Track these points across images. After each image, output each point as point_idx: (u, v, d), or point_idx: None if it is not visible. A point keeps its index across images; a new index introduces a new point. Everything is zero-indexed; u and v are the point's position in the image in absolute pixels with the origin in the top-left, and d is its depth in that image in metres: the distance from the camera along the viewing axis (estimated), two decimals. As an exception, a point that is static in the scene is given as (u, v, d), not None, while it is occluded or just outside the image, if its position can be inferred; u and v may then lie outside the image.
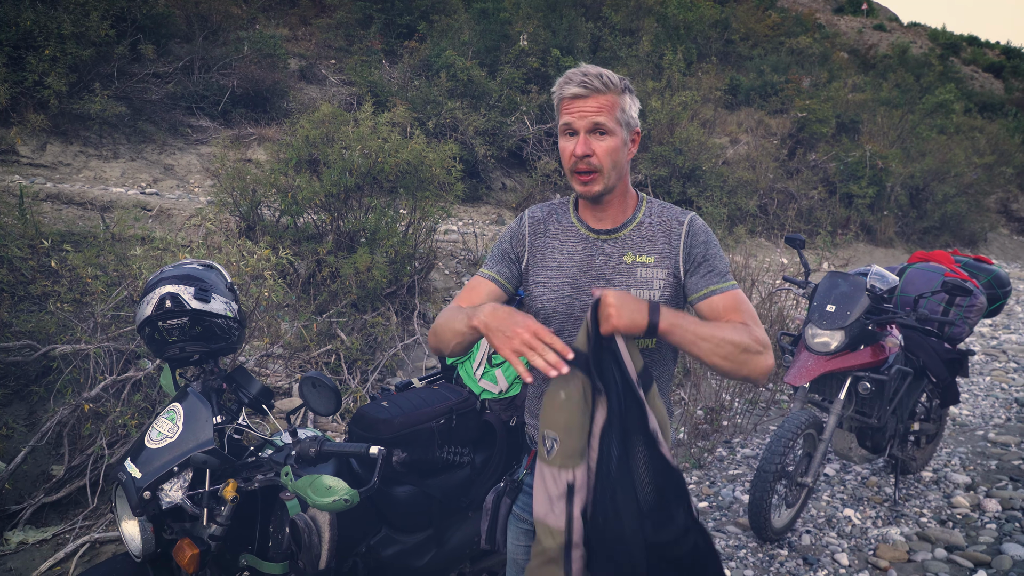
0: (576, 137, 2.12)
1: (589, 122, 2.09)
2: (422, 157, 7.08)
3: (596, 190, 2.15)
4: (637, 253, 2.19)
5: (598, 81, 2.09)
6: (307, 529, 2.41)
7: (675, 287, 2.19)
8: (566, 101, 2.12)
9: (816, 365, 4.51)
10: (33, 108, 9.20)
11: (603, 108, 2.09)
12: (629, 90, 2.16)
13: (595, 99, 2.09)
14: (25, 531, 4.28)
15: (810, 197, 15.80)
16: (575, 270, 2.25)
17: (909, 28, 38.28)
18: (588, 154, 2.10)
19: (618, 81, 2.13)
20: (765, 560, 4.43)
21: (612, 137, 2.11)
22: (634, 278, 2.18)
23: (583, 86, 2.08)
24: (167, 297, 2.44)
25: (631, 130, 2.18)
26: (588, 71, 2.10)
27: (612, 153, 2.12)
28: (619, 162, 2.15)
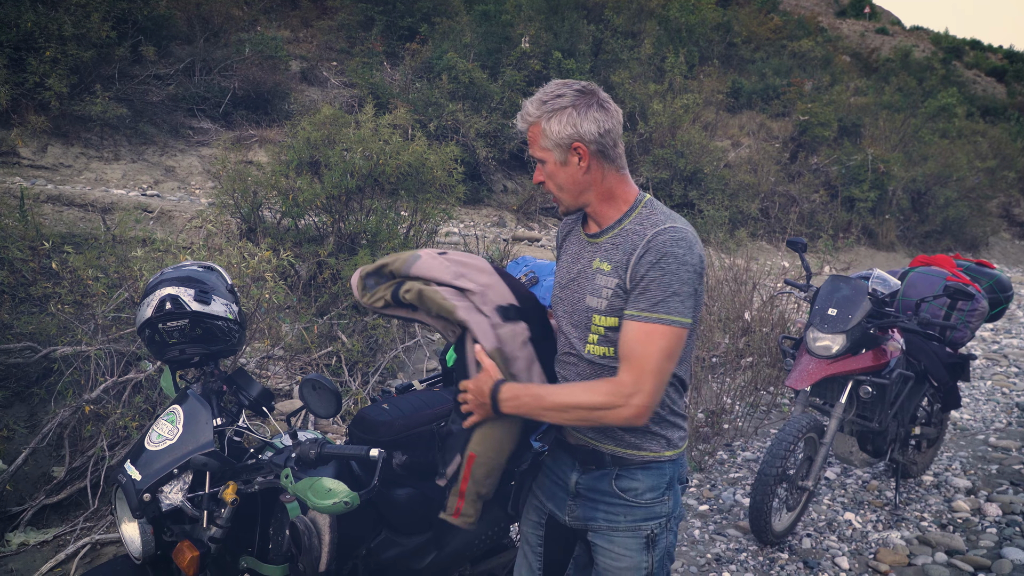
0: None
1: (535, 155, 2.21)
2: (423, 159, 7.08)
3: (562, 210, 2.27)
4: (602, 260, 2.18)
5: (522, 120, 2.19)
6: (307, 531, 2.40)
7: (623, 298, 2.12)
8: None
9: (817, 369, 4.50)
10: (34, 110, 9.21)
11: (533, 141, 2.19)
12: (548, 112, 2.12)
13: (530, 132, 2.19)
14: (26, 532, 4.27)
15: (812, 200, 15.81)
16: (564, 271, 2.34)
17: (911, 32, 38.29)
18: (539, 182, 2.24)
19: (534, 109, 2.15)
20: (766, 563, 4.42)
21: (547, 164, 2.19)
22: (592, 284, 2.19)
23: (521, 121, 2.20)
24: (167, 299, 2.44)
25: (565, 148, 2.13)
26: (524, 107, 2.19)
27: (552, 177, 2.19)
28: (565, 184, 2.18)
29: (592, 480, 2.29)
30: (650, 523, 2.25)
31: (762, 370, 6.98)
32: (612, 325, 2.14)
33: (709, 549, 4.55)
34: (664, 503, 2.26)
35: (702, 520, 4.92)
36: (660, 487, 2.25)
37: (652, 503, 2.25)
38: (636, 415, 2.04)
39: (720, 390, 6.51)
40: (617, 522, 2.26)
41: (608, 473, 2.26)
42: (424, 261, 2.30)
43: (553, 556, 2.50)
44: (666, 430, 2.23)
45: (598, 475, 2.28)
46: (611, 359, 2.17)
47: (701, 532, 4.76)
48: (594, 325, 2.18)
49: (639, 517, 2.25)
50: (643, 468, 2.23)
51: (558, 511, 2.40)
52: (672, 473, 2.27)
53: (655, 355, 2.03)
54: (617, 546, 2.26)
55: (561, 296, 2.31)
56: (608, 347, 2.17)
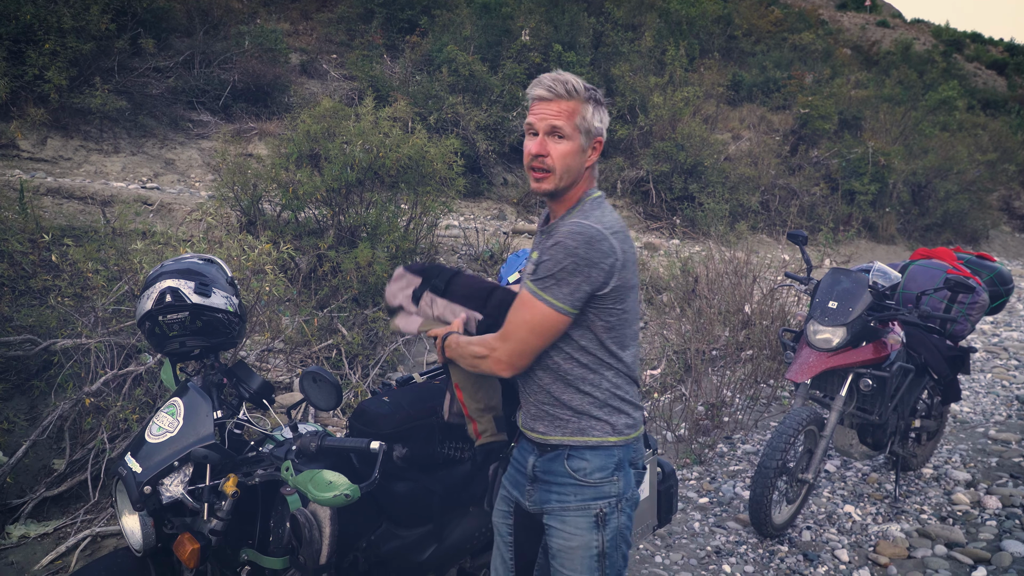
0: (536, 137, 2.25)
1: (548, 124, 2.22)
2: (423, 152, 7.08)
3: (546, 188, 2.27)
4: (537, 250, 2.35)
5: (562, 87, 2.22)
6: (308, 524, 2.41)
7: None
8: (533, 102, 2.26)
9: (818, 361, 4.50)
10: (33, 102, 9.19)
11: (563, 113, 2.22)
12: (595, 100, 2.27)
13: (557, 104, 2.22)
14: (27, 525, 4.28)
15: (812, 194, 15.79)
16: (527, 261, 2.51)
17: (912, 25, 38.20)
18: (543, 154, 2.23)
19: (583, 90, 2.24)
20: (765, 556, 4.43)
21: (569, 141, 2.24)
22: (526, 272, 2.35)
23: (549, 90, 2.22)
24: (167, 291, 2.44)
25: (592, 138, 2.29)
26: (557, 77, 2.23)
27: (566, 157, 2.24)
28: (572, 166, 2.26)
29: (547, 462, 2.36)
30: (599, 502, 2.31)
31: (762, 363, 6.98)
32: None
33: (709, 541, 4.56)
34: (613, 483, 2.33)
35: (702, 513, 4.92)
36: (608, 467, 2.31)
37: (601, 483, 2.31)
38: (496, 368, 2.29)
39: (720, 383, 6.51)
40: (568, 502, 2.32)
41: (561, 454, 2.33)
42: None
43: (523, 545, 2.54)
44: (610, 416, 2.31)
45: (552, 456, 2.35)
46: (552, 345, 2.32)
47: (701, 525, 4.76)
48: None
49: (588, 496, 2.31)
50: (592, 449, 2.31)
51: (521, 497, 2.46)
52: (622, 456, 2.34)
53: (519, 323, 2.24)
54: (568, 526, 2.32)
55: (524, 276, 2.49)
56: None
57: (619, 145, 14.43)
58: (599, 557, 2.31)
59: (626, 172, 14.02)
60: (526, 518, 2.49)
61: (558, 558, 2.34)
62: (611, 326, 2.26)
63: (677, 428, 5.96)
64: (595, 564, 2.31)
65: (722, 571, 4.26)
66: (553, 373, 2.30)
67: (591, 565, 2.31)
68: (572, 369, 2.29)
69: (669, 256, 10.53)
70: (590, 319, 2.24)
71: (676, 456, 5.68)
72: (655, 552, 4.42)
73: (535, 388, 2.35)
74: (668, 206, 14.06)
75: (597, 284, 2.18)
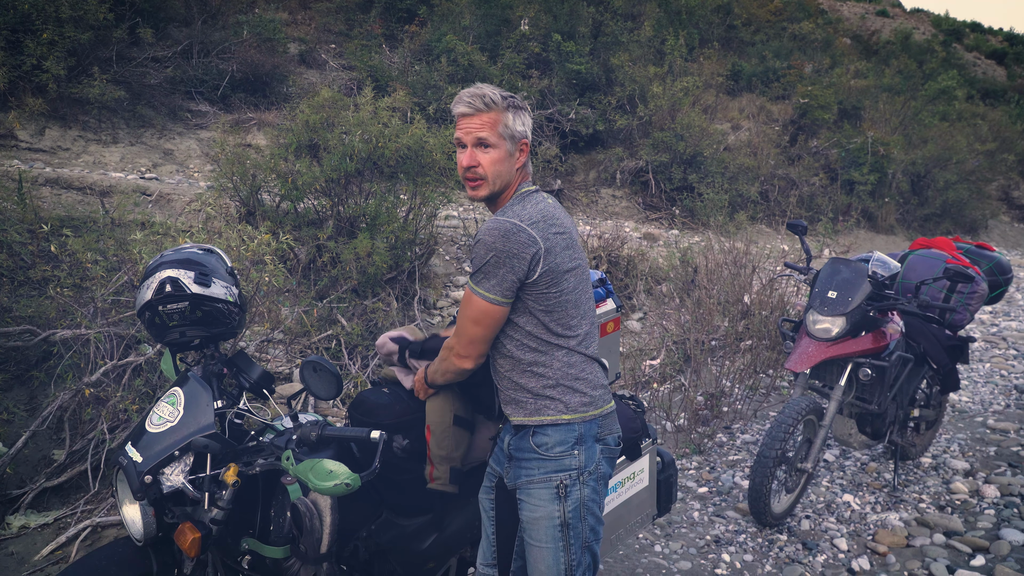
0: (465, 150, 2.43)
1: (474, 137, 2.40)
2: (423, 142, 7.06)
3: (482, 194, 2.46)
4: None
5: (480, 101, 2.39)
6: (308, 513, 2.41)
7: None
8: (458, 118, 2.43)
9: (817, 351, 4.51)
10: (31, 92, 9.17)
11: (485, 124, 2.40)
12: (514, 107, 2.45)
13: (479, 117, 2.40)
14: (27, 515, 4.29)
15: (811, 184, 15.76)
16: None
17: (912, 14, 38.08)
18: (474, 165, 2.42)
19: (501, 99, 2.42)
20: (764, 545, 4.44)
21: (495, 150, 2.41)
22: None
23: (469, 105, 2.39)
24: (167, 281, 2.44)
25: (516, 142, 2.46)
26: (475, 92, 2.41)
27: (495, 164, 2.42)
28: (502, 171, 2.44)
29: (518, 440, 2.52)
30: (560, 475, 2.45)
31: (761, 353, 6.98)
32: None
33: (708, 531, 4.57)
34: (573, 456, 2.46)
35: (701, 502, 4.94)
36: (568, 442, 2.46)
37: (561, 456, 2.45)
38: (457, 362, 2.50)
39: (719, 373, 6.51)
40: (533, 475, 2.47)
41: (527, 432, 2.49)
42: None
43: (504, 520, 2.64)
44: (563, 395, 2.46)
45: (522, 434, 2.51)
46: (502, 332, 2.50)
47: (700, 514, 4.77)
48: None
49: (550, 469, 2.45)
50: (553, 426, 2.46)
51: (502, 474, 2.62)
52: (584, 431, 2.48)
53: (463, 318, 2.45)
54: (533, 497, 2.47)
55: None
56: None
57: (618, 135, 14.41)
58: (562, 527, 2.44)
59: (625, 162, 14.00)
60: (506, 493, 2.61)
61: (527, 529, 2.49)
62: (550, 309, 2.41)
63: (676, 418, 5.96)
64: (558, 534, 2.45)
65: (721, 560, 4.27)
66: (510, 360, 2.48)
67: (554, 535, 2.44)
68: (524, 355, 2.46)
69: (668, 246, 10.53)
70: (528, 305, 2.41)
71: (676, 446, 5.69)
72: (655, 541, 4.43)
73: (500, 376, 2.53)
74: (667, 196, 14.04)
75: (522, 273, 2.35)
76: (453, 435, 2.73)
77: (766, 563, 4.28)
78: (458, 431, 2.75)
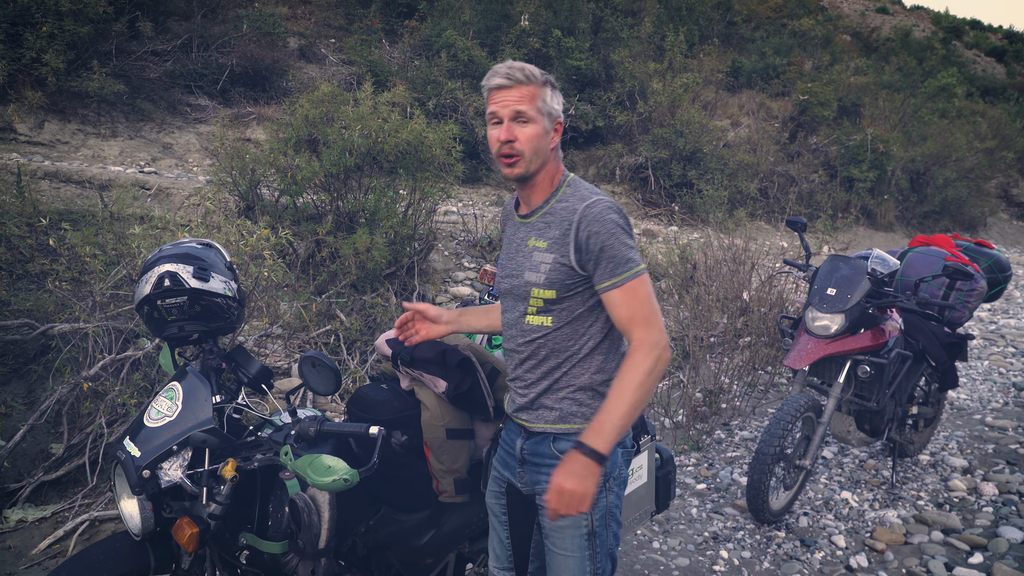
0: (500, 125, 2.29)
1: (512, 110, 2.27)
2: (422, 137, 7.05)
3: (518, 172, 2.31)
4: (537, 238, 2.36)
5: (520, 74, 2.27)
6: (306, 508, 2.41)
7: (564, 272, 2.29)
8: (492, 92, 2.31)
9: (816, 348, 4.51)
10: (31, 85, 9.15)
11: (524, 98, 2.27)
12: (551, 84, 2.34)
13: (517, 90, 2.27)
14: (24, 509, 4.28)
15: (811, 180, 15.76)
16: (504, 253, 2.51)
17: (912, 11, 38.06)
18: (511, 139, 2.27)
19: (539, 74, 2.31)
20: (763, 542, 4.44)
21: (533, 124, 2.28)
22: (530, 261, 2.35)
23: (507, 78, 2.27)
24: (166, 276, 2.43)
25: (553, 120, 2.34)
26: (512, 65, 2.30)
27: (533, 139, 2.28)
28: (540, 148, 2.30)
29: (534, 445, 2.41)
30: None
31: (760, 350, 6.98)
32: (550, 297, 2.32)
33: (707, 527, 4.57)
34: None
35: (700, 499, 4.94)
36: None
37: None
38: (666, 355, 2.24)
39: (718, 370, 6.51)
40: None
41: (547, 437, 2.38)
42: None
43: (518, 523, 2.57)
44: (593, 399, 2.35)
45: (539, 439, 2.39)
46: (547, 329, 2.35)
47: (699, 510, 4.78)
48: (532, 297, 2.34)
49: None
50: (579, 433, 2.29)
51: (513, 479, 2.50)
52: None
53: (645, 303, 2.26)
54: None
55: (504, 273, 2.47)
56: (546, 317, 2.35)
57: (618, 131, 14.40)
58: (588, 536, 2.34)
59: (625, 158, 13.99)
60: (519, 497, 2.52)
61: (550, 537, 2.38)
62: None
63: (675, 415, 5.96)
64: (584, 543, 2.34)
65: (719, 556, 4.27)
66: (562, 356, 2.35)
67: (580, 544, 2.34)
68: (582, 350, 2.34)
69: (668, 243, 10.52)
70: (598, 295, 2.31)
71: (674, 442, 5.69)
72: (653, 538, 4.43)
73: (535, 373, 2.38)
74: (667, 193, 14.03)
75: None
76: (450, 449, 2.72)
77: (764, 560, 4.28)
78: (454, 444, 2.73)
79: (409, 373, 2.78)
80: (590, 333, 2.35)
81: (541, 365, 2.37)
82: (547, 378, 2.37)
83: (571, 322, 2.34)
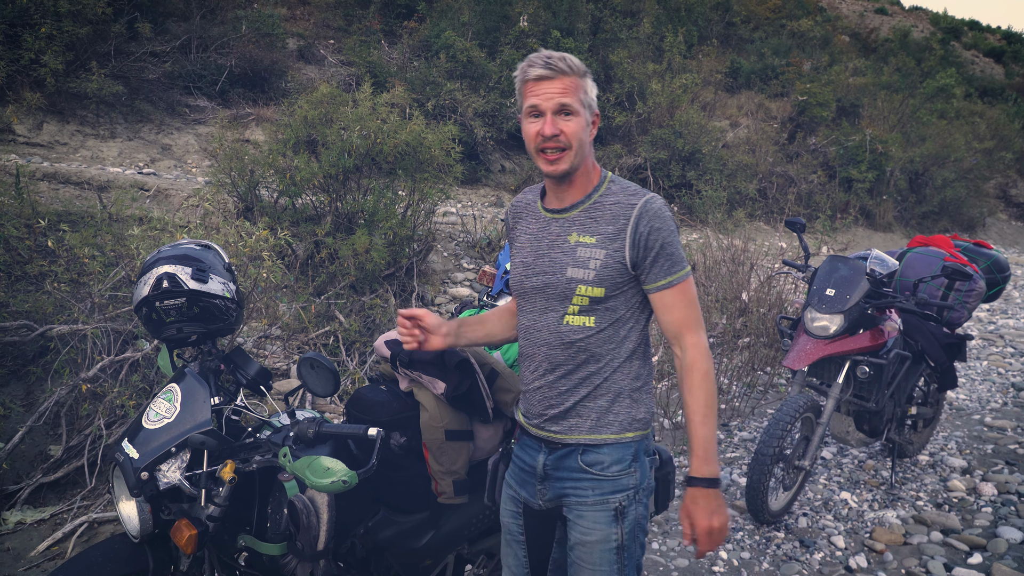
0: (542, 118, 2.16)
1: (556, 103, 2.14)
2: (421, 138, 7.05)
3: (563, 168, 2.19)
4: (581, 233, 2.23)
5: (562, 63, 2.14)
6: (305, 510, 2.41)
7: (614, 268, 2.20)
8: (530, 84, 2.17)
9: (815, 349, 4.51)
10: (29, 86, 9.15)
11: (568, 89, 2.15)
12: (589, 74, 2.22)
13: (560, 81, 2.14)
14: (23, 511, 4.28)
15: (809, 181, 15.77)
16: (528, 250, 2.34)
17: (910, 12, 38.10)
18: (556, 134, 2.15)
19: (580, 65, 2.19)
20: (762, 542, 4.44)
21: (577, 118, 2.17)
22: (573, 257, 2.22)
23: (548, 68, 2.13)
24: (164, 277, 2.43)
25: (592, 112, 2.23)
26: (552, 54, 2.16)
27: (579, 133, 2.16)
28: (584, 142, 2.19)
29: (559, 460, 2.31)
30: (618, 495, 2.26)
31: (759, 350, 6.98)
32: (597, 295, 2.20)
33: (705, 528, 4.57)
34: (631, 475, 2.28)
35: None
36: (626, 459, 2.27)
37: (619, 475, 2.26)
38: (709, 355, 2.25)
39: (717, 370, 6.51)
40: (585, 496, 2.27)
41: (575, 450, 2.28)
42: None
43: (536, 542, 2.49)
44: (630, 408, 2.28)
45: (564, 453, 2.30)
46: (589, 330, 2.24)
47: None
48: (577, 296, 2.21)
49: (607, 490, 2.26)
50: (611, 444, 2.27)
51: (530, 498, 2.40)
52: (638, 446, 2.31)
53: (695, 305, 2.25)
54: (587, 520, 2.26)
55: (529, 272, 2.32)
56: (588, 317, 2.23)
57: (617, 132, 14.39)
58: (618, 550, 2.26)
59: (624, 159, 13.98)
60: (537, 516, 2.44)
61: (576, 550, 2.29)
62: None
63: (674, 415, 5.96)
64: (613, 557, 2.26)
65: (719, 557, 4.27)
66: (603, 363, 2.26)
67: (609, 558, 2.26)
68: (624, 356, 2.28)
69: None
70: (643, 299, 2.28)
71: (673, 443, 5.68)
72: (652, 539, 4.43)
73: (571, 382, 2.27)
74: (666, 193, 14.02)
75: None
76: (449, 450, 2.71)
77: (763, 560, 4.28)
78: (453, 445, 2.72)
79: (408, 374, 2.76)
80: (631, 336, 2.28)
81: (578, 370, 2.26)
82: (585, 384, 2.26)
83: (613, 323, 2.24)
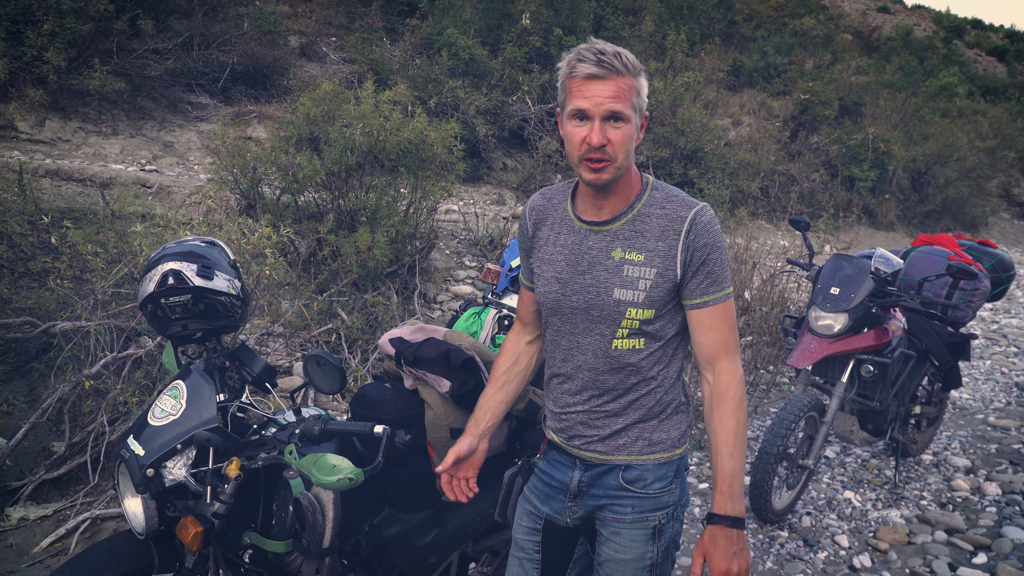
0: (588, 123, 1.93)
1: (607, 110, 1.90)
2: (423, 136, 7.04)
3: (606, 179, 1.98)
4: (626, 249, 2.05)
5: (618, 61, 1.89)
6: (311, 508, 2.40)
7: (664, 288, 2.04)
8: (578, 81, 1.91)
9: (819, 348, 4.50)
10: (32, 83, 9.13)
11: (621, 93, 1.90)
12: (643, 72, 1.98)
13: (613, 82, 1.89)
14: (26, 507, 4.28)
15: (812, 180, 15.75)
16: (563, 264, 2.15)
17: (913, 10, 38.08)
18: (604, 144, 1.92)
19: (636, 62, 1.94)
20: (766, 541, 4.44)
21: (628, 125, 1.94)
22: (619, 276, 2.05)
23: (600, 66, 1.88)
24: (170, 274, 2.42)
25: (642, 115, 2.00)
26: (605, 49, 1.90)
27: (627, 142, 1.95)
28: (631, 151, 1.98)
29: (596, 476, 2.21)
30: (658, 513, 2.17)
31: (762, 349, 6.98)
32: (647, 318, 2.05)
33: (709, 527, 4.56)
34: (672, 492, 2.19)
35: (702, 499, 4.93)
36: (668, 476, 2.19)
37: (660, 493, 2.17)
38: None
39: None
40: (624, 514, 2.17)
41: (617, 468, 2.18)
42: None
43: (551, 562, 2.40)
44: (680, 423, 2.20)
45: (603, 470, 2.19)
46: (640, 353, 2.10)
47: (701, 510, 4.77)
48: (626, 319, 2.05)
49: (647, 508, 2.16)
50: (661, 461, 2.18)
51: (557, 514, 2.30)
52: (680, 462, 2.22)
53: (734, 328, 2.09)
54: (623, 538, 2.16)
55: (567, 291, 2.13)
56: (638, 339, 2.09)
57: (619, 130, 14.36)
58: (651, 568, 2.17)
59: (626, 157, 13.97)
60: (557, 533, 2.35)
61: (607, 567, 2.19)
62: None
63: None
64: (646, 575, 2.17)
65: (722, 556, 4.26)
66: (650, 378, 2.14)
67: None
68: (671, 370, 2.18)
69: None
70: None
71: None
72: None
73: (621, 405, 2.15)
74: (667, 192, 14.01)
75: None
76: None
77: (767, 559, 4.27)
78: None
79: (413, 372, 2.75)
80: (678, 355, 2.18)
81: (628, 393, 2.13)
82: (635, 407, 2.14)
83: (663, 344, 2.11)
